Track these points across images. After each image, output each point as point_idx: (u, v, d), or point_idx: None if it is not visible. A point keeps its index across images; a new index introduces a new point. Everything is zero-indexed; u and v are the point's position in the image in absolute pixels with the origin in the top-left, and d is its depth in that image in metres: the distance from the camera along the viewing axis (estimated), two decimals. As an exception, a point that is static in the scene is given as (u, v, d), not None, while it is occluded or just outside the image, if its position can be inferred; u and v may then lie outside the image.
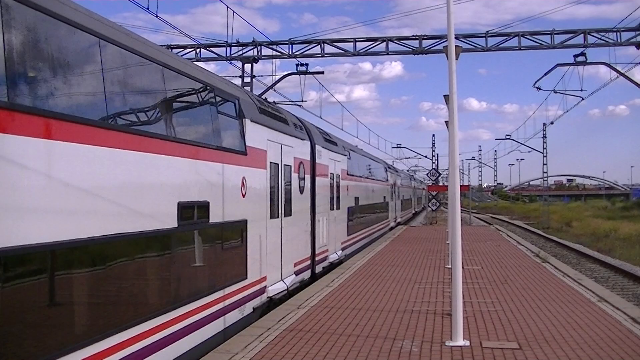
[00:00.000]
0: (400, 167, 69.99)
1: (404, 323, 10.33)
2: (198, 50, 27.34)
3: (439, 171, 51.26)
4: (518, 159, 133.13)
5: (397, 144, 79.12)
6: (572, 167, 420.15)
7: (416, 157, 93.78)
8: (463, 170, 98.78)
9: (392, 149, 78.91)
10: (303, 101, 28.54)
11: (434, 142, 60.78)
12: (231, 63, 28.50)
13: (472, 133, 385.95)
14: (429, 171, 51.36)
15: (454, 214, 9.60)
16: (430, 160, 59.96)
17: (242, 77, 26.66)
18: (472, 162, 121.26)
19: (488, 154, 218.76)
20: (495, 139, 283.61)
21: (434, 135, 75.31)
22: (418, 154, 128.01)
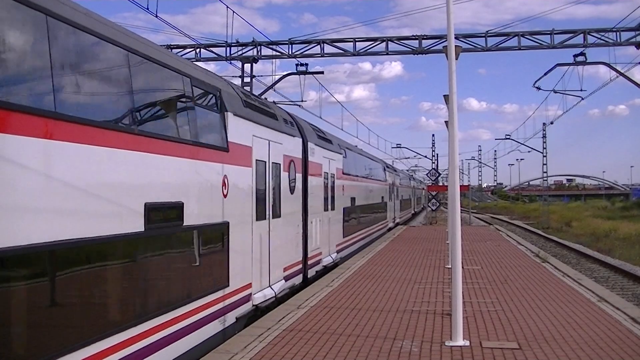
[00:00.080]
0: (400, 167, 70.14)
1: (403, 323, 10.32)
2: (198, 50, 27.40)
3: (438, 171, 51.26)
4: (518, 159, 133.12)
5: (397, 144, 79.48)
6: (572, 167, 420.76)
7: (416, 157, 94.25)
8: (463, 170, 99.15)
9: (391, 149, 79.22)
10: (303, 101, 28.69)
11: (433, 142, 61.01)
12: (231, 63, 28.60)
13: (472, 133, 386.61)
14: (429, 171, 51.37)
15: (453, 214, 9.61)
16: (430, 160, 60.10)
17: (242, 77, 26.72)
18: (472, 162, 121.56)
19: (488, 154, 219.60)
20: (495, 139, 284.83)
21: (433, 135, 75.56)
22: (418, 154, 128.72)
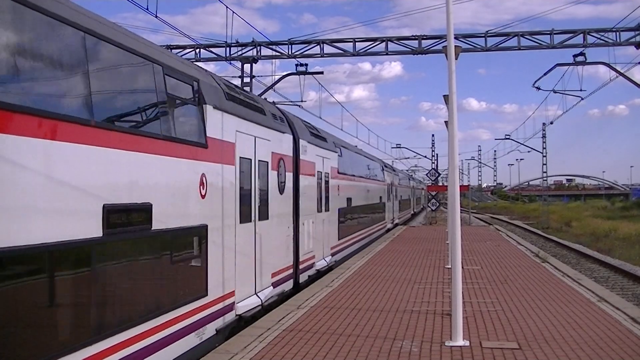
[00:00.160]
0: (400, 167, 70.13)
1: (403, 323, 10.33)
2: (197, 51, 27.40)
3: (438, 171, 51.21)
4: (517, 159, 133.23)
5: (397, 144, 79.45)
6: (572, 167, 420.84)
7: (416, 157, 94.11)
8: (462, 170, 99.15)
9: (391, 149, 79.18)
10: (303, 101, 28.69)
11: (433, 142, 61.00)
12: (231, 63, 28.63)
13: (472, 133, 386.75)
14: (429, 171, 51.35)
15: (453, 214, 9.61)
16: (430, 160, 60.10)
17: (242, 77, 26.72)
18: (471, 162, 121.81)
19: (488, 154, 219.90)
20: (495, 139, 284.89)
21: (433, 135, 75.75)
22: (418, 154, 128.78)
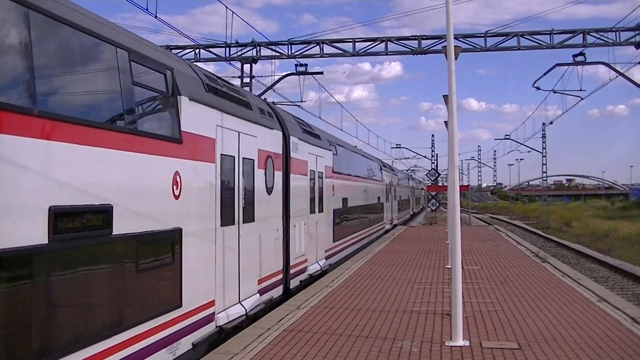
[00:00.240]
0: (400, 167, 70.14)
1: (403, 323, 10.33)
2: (197, 51, 27.40)
3: (438, 171, 51.23)
4: (517, 159, 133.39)
5: (397, 144, 79.44)
6: (572, 167, 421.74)
7: (415, 157, 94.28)
8: (462, 170, 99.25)
9: (391, 149, 79.22)
10: (302, 102, 28.72)
11: (433, 142, 61.18)
12: (230, 63, 28.64)
13: (472, 133, 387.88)
14: (429, 171, 51.36)
15: (453, 214, 9.61)
16: (430, 160, 60.13)
17: (242, 77, 26.74)
18: (471, 162, 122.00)
19: (487, 154, 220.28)
20: (495, 139, 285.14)
21: (433, 136, 75.96)
22: (417, 154, 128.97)
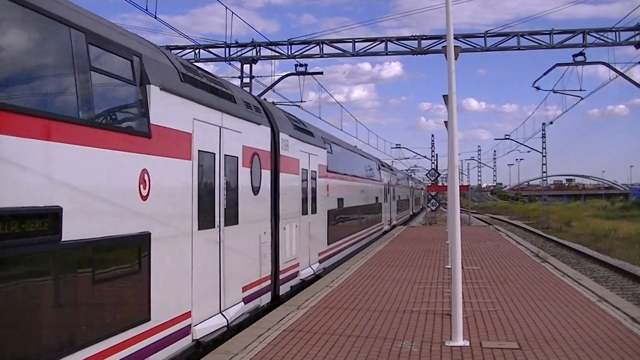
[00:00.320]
0: (399, 167, 70.16)
1: (403, 323, 10.32)
2: (197, 51, 27.43)
3: (438, 171, 51.22)
4: (517, 159, 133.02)
5: (397, 144, 79.56)
6: (572, 167, 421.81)
7: (415, 157, 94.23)
8: (462, 170, 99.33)
9: (391, 149, 79.35)
10: (302, 102, 28.77)
11: (433, 142, 61.17)
12: (230, 64, 28.69)
13: (472, 133, 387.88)
14: (428, 171, 51.36)
15: (453, 214, 9.61)
16: (430, 160, 60.13)
17: (242, 77, 26.76)
18: (471, 162, 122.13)
19: (487, 154, 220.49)
20: (495, 139, 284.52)
21: (433, 136, 76.01)
22: (417, 154, 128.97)
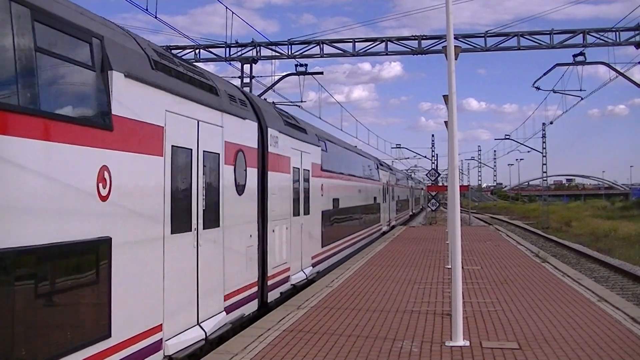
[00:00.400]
0: (400, 167, 70.16)
1: (403, 323, 10.33)
2: (197, 51, 27.43)
3: (438, 171, 51.26)
4: (517, 159, 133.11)
5: (397, 144, 79.58)
6: (572, 167, 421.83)
7: (415, 157, 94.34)
8: (462, 170, 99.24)
9: (391, 149, 79.36)
10: (302, 102, 28.73)
11: (433, 142, 61.23)
12: (230, 64, 28.68)
13: (472, 133, 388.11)
14: (429, 171, 51.39)
15: (453, 214, 9.61)
16: (430, 160, 60.16)
17: (242, 77, 26.77)
18: (471, 162, 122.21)
19: (487, 154, 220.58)
20: (495, 139, 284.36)
21: (433, 136, 76.02)
22: (417, 154, 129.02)
